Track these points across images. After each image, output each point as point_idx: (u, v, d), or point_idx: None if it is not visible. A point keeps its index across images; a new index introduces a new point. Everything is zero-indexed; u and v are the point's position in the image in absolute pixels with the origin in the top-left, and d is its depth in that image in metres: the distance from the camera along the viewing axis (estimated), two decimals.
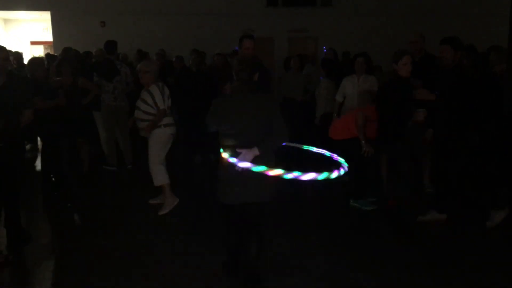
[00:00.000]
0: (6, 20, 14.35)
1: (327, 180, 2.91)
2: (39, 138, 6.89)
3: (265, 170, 2.85)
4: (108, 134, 6.61)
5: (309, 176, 2.83)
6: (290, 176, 2.83)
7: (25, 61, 7.35)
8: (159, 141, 4.88)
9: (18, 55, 8.44)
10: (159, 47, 10.06)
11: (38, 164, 6.50)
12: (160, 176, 4.89)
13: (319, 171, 2.90)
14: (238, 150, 3.04)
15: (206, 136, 5.78)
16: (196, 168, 6.80)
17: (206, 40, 11.50)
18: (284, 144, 3.17)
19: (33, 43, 14.75)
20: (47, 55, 10.03)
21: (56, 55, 9.00)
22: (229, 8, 12.58)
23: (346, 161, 3.27)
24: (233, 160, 2.97)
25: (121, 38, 7.79)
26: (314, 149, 3.79)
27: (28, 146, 7.56)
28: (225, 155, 3.06)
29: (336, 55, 8.18)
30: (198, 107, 6.45)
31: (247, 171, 2.94)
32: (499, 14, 10.97)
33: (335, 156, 3.55)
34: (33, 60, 5.76)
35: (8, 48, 4.94)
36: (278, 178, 2.91)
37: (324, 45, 11.10)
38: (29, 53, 13.39)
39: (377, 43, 11.81)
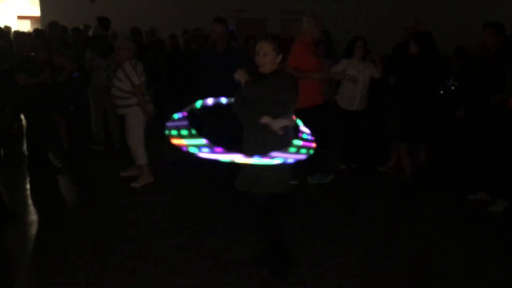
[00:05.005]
0: None
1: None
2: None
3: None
4: (97, 112, 6.49)
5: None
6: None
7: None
8: (138, 122, 4.94)
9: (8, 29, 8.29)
10: (149, 24, 9.83)
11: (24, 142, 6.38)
12: (142, 156, 5.05)
13: None
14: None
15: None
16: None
17: (198, 18, 11.26)
18: None
19: (20, 17, 14.36)
20: (36, 30, 9.78)
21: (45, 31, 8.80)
22: None
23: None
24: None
25: (110, 15, 7.55)
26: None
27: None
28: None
29: (329, 36, 7.97)
30: (186, 87, 6.39)
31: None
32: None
33: None
34: (20, 35, 5.60)
35: None
36: None
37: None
38: (16, 28, 13.04)
39: (372, 27, 11.68)
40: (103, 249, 3.67)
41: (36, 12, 12.95)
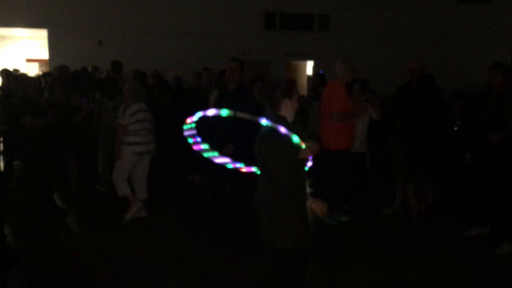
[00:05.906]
0: (2, 37, 14.31)
1: None
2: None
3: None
4: (103, 153, 6.53)
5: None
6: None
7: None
8: (122, 159, 5.11)
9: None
10: (156, 67, 10.02)
11: None
12: (122, 188, 5.21)
13: None
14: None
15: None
16: (191, 190, 6.69)
17: (204, 61, 11.50)
18: None
19: (28, 60, 14.69)
20: (45, 74, 9.95)
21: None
22: (227, 30, 12.68)
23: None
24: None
25: (118, 57, 7.77)
26: None
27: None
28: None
29: (324, 79, 7.99)
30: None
31: None
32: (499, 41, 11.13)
33: None
34: (26, 78, 5.73)
35: (3, 65, 4.91)
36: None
37: (321, 69, 11.14)
38: (25, 70, 13.31)
39: (374, 68, 11.89)
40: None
41: (44, 55, 13.26)
